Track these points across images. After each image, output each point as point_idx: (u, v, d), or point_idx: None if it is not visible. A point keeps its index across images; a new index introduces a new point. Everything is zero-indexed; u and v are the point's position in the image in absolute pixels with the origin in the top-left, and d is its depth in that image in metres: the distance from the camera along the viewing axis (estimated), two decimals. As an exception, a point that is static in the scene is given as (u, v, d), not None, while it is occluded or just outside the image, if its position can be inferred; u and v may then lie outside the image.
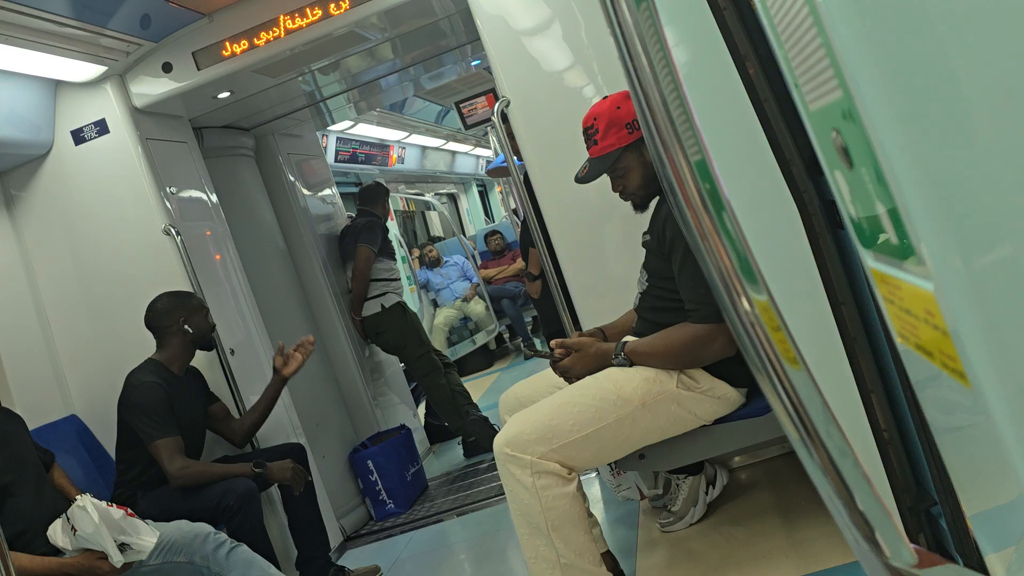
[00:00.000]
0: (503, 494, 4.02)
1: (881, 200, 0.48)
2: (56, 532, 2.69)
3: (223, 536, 2.89)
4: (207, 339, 3.40)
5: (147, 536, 2.70)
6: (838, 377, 1.97)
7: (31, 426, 3.13)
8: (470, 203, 12.97)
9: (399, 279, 5.17)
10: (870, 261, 0.57)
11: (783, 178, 1.93)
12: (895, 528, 0.61)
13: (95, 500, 2.68)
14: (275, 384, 3.51)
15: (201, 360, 3.54)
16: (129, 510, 2.75)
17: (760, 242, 0.75)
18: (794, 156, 1.93)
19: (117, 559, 2.63)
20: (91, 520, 2.62)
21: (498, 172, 4.47)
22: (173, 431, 3.16)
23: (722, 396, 2.43)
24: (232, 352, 3.63)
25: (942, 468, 1.77)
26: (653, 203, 2.56)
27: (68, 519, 2.65)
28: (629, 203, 2.60)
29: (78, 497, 2.67)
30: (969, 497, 0.71)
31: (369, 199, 5.26)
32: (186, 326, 3.32)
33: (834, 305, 1.96)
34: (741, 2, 1.86)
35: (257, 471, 3.20)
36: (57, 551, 2.69)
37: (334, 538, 3.90)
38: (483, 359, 8.59)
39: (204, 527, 2.88)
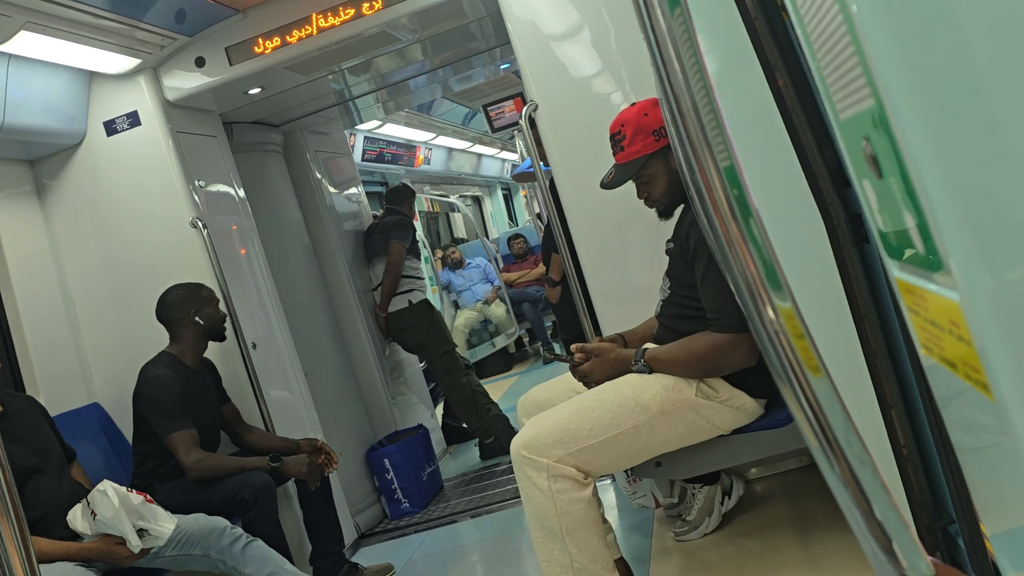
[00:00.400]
0: (518, 497, 4.01)
1: (909, 210, 0.48)
2: (76, 517, 2.73)
3: (239, 531, 2.91)
4: (219, 330, 3.42)
5: (165, 522, 2.73)
6: (858, 392, 1.96)
7: (54, 412, 3.17)
8: (494, 206, 13.00)
9: (424, 278, 5.20)
10: (896, 272, 0.57)
11: (809, 190, 1.92)
12: (912, 540, 0.61)
13: (115, 485, 2.72)
14: (293, 449, 3.48)
15: (221, 353, 3.57)
16: (148, 496, 2.78)
17: (784, 253, 0.75)
18: (821, 168, 1.92)
19: (135, 544, 2.66)
20: (111, 504, 2.65)
21: (524, 177, 4.48)
22: (188, 424, 3.18)
23: (741, 406, 2.42)
24: (254, 346, 3.65)
25: (962, 486, 1.76)
26: (678, 211, 2.56)
27: (88, 504, 2.69)
28: (653, 210, 2.61)
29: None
30: (990, 516, 0.71)
31: (397, 199, 5.30)
32: (197, 318, 3.34)
33: (857, 319, 1.95)
34: (772, 13, 1.86)
35: (273, 465, 3.22)
36: (76, 536, 2.73)
37: (348, 535, 3.91)
38: (502, 362, 8.60)
39: (221, 521, 2.90)
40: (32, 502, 2.76)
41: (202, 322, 3.34)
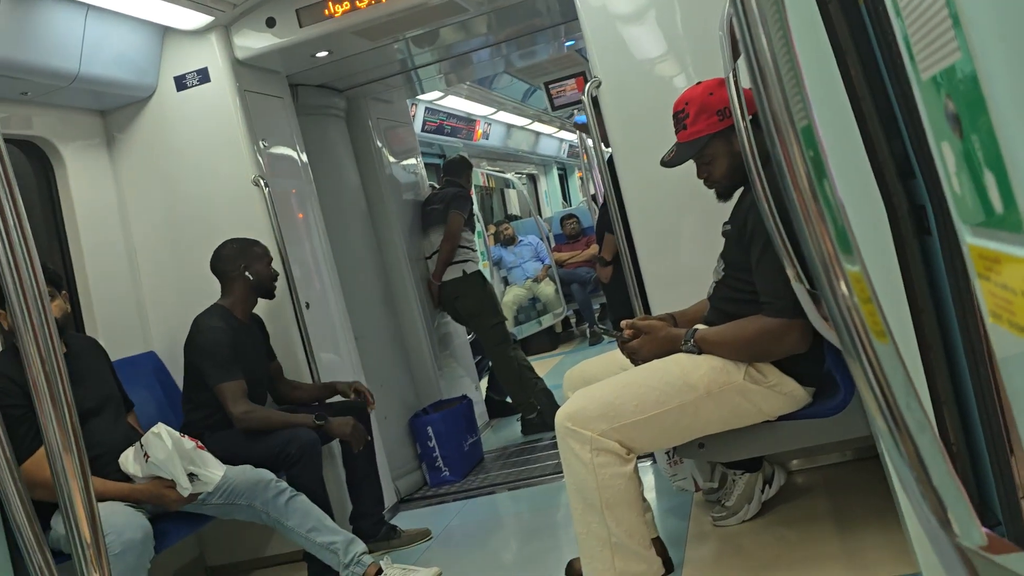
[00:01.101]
0: (557, 473, 4.05)
1: (991, 167, 0.48)
2: (128, 460, 2.81)
3: (284, 485, 2.97)
4: (268, 287, 3.48)
5: (215, 469, 2.81)
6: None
7: (112, 358, 3.26)
8: (549, 186, 12.97)
9: (477, 251, 5.22)
10: (968, 237, 0.57)
11: (874, 180, 1.90)
12: (968, 509, 0.61)
13: (169, 428, 2.80)
14: (304, 422, 3.32)
15: (275, 311, 3.62)
16: (199, 443, 2.85)
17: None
18: (886, 157, 1.90)
19: (186, 486, 2.73)
20: (164, 447, 2.73)
21: (584, 127, 4.45)
22: (237, 375, 3.25)
23: (789, 393, 2.41)
24: (307, 305, 3.71)
25: (1010, 488, 1.73)
26: (737, 194, 2.54)
27: (142, 446, 2.77)
28: (711, 195, 2.59)
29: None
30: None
31: (455, 171, 5.33)
32: (247, 272, 3.40)
33: (914, 312, 1.93)
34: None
35: (319, 423, 3.28)
36: (127, 479, 2.81)
37: (388, 498, 3.97)
38: (548, 341, 8.61)
39: (267, 475, 2.96)
40: (87, 443, 2.84)
41: (252, 277, 3.40)
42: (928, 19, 0.51)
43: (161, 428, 2.80)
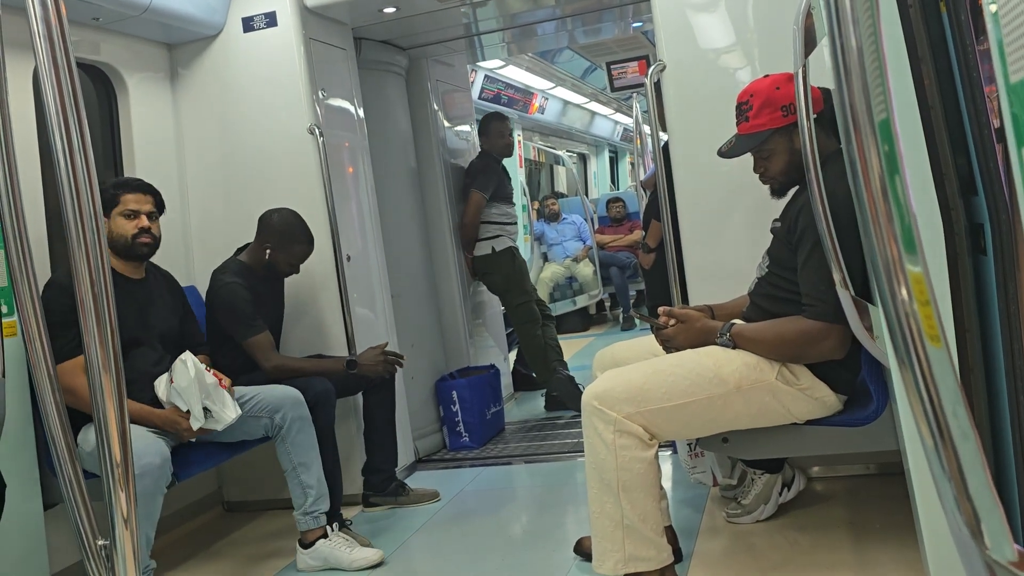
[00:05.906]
0: (576, 451, 4.06)
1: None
2: (160, 384, 2.87)
3: (307, 412, 3.05)
4: (280, 273, 3.45)
5: (230, 411, 2.85)
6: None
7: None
8: (599, 167, 12.91)
9: (514, 223, 5.16)
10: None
11: (934, 194, 1.86)
12: (1002, 522, 0.61)
13: (196, 359, 2.85)
14: (335, 367, 3.41)
15: (312, 262, 3.62)
16: (224, 382, 2.89)
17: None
18: (950, 171, 1.86)
19: (198, 417, 2.78)
20: (187, 374, 2.78)
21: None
22: (262, 328, 3.28)
23: (820, 398, 2.39)
24: (348, 258, 3.73)
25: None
26: (791, 192, 2.52)
27: (171, 372, 2.83)
28: (763, 192, 2.57)
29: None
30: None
31: (484, 132, 5.14)
32: (267, 254, 3.36)
33: (959, 331, 1.90)
34: (929, 2, 1.79)
35: (351, 372, 3.32)
36: (159, 406, 2.87)
37: (407, 457, 4.02)
38: (580, 321, 8.62)
39: (299, 395, 3.05)
40: (126, 370, 2.89)
41: (269, 259, 3.37)
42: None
43: (188, 356, 2.85)
